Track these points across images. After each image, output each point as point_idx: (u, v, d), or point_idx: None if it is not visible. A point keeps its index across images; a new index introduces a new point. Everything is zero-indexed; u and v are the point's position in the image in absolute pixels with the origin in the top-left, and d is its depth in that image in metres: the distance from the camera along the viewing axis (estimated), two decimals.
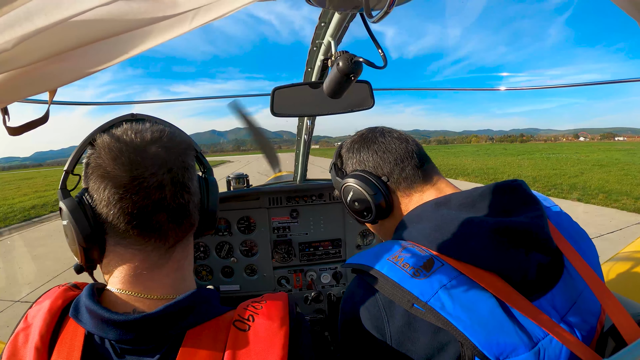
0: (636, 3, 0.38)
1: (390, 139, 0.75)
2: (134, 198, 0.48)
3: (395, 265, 0.56)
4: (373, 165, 0.74)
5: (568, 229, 0.67)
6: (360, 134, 0.80)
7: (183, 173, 0.52)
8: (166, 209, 0.49)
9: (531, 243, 0.56)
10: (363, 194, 0.72)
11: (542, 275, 0.57)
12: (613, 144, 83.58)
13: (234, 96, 1.70)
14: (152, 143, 0.50)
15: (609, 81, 1.33)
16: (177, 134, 0.56)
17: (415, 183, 0.71)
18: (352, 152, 0.78)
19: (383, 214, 0.73)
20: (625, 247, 1.52)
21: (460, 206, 0.63)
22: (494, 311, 0.51)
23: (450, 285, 0.53)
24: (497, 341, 0.49)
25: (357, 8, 0.51)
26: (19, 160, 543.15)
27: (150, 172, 0.48)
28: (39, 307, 0.51)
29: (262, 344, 0.46)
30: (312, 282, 1.72)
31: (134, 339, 0.45)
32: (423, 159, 0.73)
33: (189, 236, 0.56)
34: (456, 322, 0.49)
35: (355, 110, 0.96)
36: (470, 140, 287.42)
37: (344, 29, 0.94)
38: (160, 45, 0.38)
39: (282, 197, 1.71)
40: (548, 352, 0.51)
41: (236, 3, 0.34)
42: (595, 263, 0.65)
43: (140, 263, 0.51)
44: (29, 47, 0.32)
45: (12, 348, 0.47)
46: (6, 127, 0.44)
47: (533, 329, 0.52)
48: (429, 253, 0.58)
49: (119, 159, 0.48)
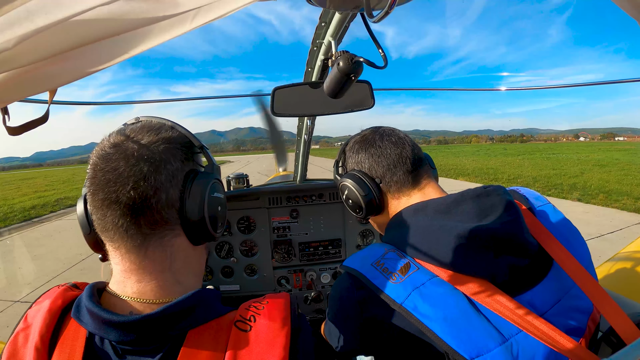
0: (636, 3, 0.38)
1: (388, 143, 0.79)
2: (95, 193, 0.50)
3: (377, 270, 0.63)
4: (368, 167, 0.80)
5: (557, 226, 0.70)
6: (363, 135, 0.84)
7: (148, 167, 0.49)
8: (119, 204, 0.48)
9: (500, 247, 0.59)
10: (355, 194, 0.78)
11: (519, 277, 0.60)
12: (613, 144, 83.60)
13: (234, 96, 1.70)
14: (126, 138, 0.52)
15: (609, 81, 1.33)
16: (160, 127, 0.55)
17: (404, 187, 0.77)
18: (353, 152, 0.84)
19: (373, 212, 0.80)
20: (625, 247, 1.52)
21: (435, 212, 0.67)
22: (463, 309, 0.55)
23: (423, 287, 0.58)
24: (465, 337, 0.53)
25: (358, 8, 0.51)
26: (19, 160, 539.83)
27: (110, 166, 0.49)
28: (39, 307, 0.51)
29: (263, 345, 0.46)
30: (312, 282, 1.72)
31: (135, 340, 0.45)
32: (416, 164, 0.78)
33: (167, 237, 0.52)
34: (426, 321, 0.54)
35: (356, 110, 0.96)
36: (471, 141, 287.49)
37: (344, 28, 0.94)
38: (161, 45, 0.38)
39: (282, 197, 1.71)
40: (522, 346, 0.53)
41: (237, 3, 0.34)
42: (587, 260, 0.67)
43: (123, 263, 0.51)
44: (29, 47, 0.32)
45: (12, 348, 0.47)
46: (6, 126, 0.44)
47: (505, 324, 0.54)
48: (407, 258, 0.64)
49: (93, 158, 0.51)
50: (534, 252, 0.62)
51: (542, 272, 0.62)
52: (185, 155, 0.55)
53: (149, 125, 0.55)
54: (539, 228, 0.66)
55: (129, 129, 0.54)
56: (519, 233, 0.61)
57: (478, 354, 0.52)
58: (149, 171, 0.49)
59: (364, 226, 1.77)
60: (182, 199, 0.52)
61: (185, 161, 0.55)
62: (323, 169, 20.51)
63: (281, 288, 1.72)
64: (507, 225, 0.60)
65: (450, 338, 0.52)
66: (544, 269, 0.62)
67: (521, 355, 0.53)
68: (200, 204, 0.53)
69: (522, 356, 0.53)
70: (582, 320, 0.60)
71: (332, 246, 1.76)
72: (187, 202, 0.52)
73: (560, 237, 0.65)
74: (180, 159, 0.54)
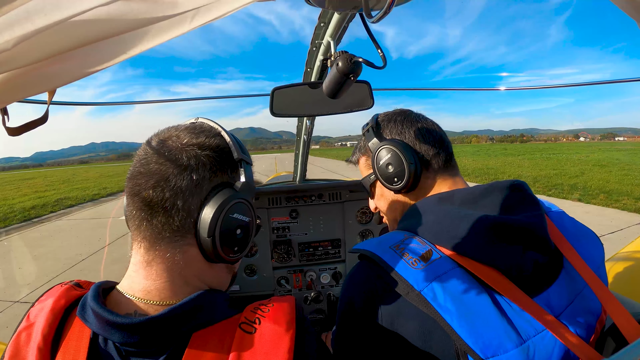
0: (636, 3, 0.38)
1: (432, 124, 0.77)
2: (128, 181, 0.52)
3: (396, 253, 0.58)
4: (412, 140, 0.75)
5: (570, 229, 0.68)
6: (402, 110, 0.81)
7: (172, 169, 0.49)
8: (139, 197, 0.50)
9: (528, 241, 0.57)
10: (400, 160, 0.71)
11: (539, 274, 0.58)
12: (613, 144, 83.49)
13: (234, 96, 1.70)
14: (169, 136, 0.53)
15: (609, 81, 1.33)
16: (202, 132, 0.54)
17: (441, 170, 0.74)
18: (394, 123, 0.78)
19: (410, 187, 0.73)
20: (625, 247, 1.52)
21: (462, 202, 0.64)
22: (484, 305, 0.52)
23: (445, 277, 0.54)
24: (482, 335, 0.50)
25: (357, 8, 0.51)
26: (19, 160, 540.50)
27: (145, 159, 0.51)
28: (42, 305, 0.51)
29: (267, 347, 0.45)
30: (311, 282, 1.72)
31: (139, 342, 0.45)
32: (451, 155, 0.77)
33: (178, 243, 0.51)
34: (444, 313, 0.51)
35: (355, 111, 0.96)
36: (471, 141, 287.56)
37: (343, 29, 0.94)
38: (160, 45, 0.38)
39: (282, 198, 1.71)
40: (538, 349, 0.52)
41: (236, 3, 0.34)
42: (598, 263, 0.66)
43: (135, 255, 0.52)
44: (29, 47, 0.32)
45: (15, 347, 0.47)
46: (5, 127, 0.44)
47: (523, 326, 0.52)
48: (429, 245, 0.60)
49: (140, 147, 0.54)
50: (552, 250, 0.60)
51: (556, 272, 0.60)
52: (217, 166, 0.53)
53: (193, 127, 0.55)
54: (552, 228, 0.65)
55: (177, 127, 0.56)
56: (544, 229, 0.59)
57: (494, 353, 0.50)
58: (172, 173, 0.49)
59: (364, 226, 1.77)
60: (200, 211, 0.50)
61: (217, 172, 0.53)
62: (323, 169, 20.49)
63: (281, 288, 1.72)
64: (535, 220, 0.59)
65: (467, 334, 0.50)
66: (557, 269, 0.61)
67: (537, 358, 0.51)
68: (212, 221, 0.50)
69: (537, 359, 0.51)
70: (592, 322, 0.59)
71: (331, 246, 1.76)
72: (202, 216, 0.50)
73: (571, 239, 0.64)
74: (210, 168, 0.52)
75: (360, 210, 1.77)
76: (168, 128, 0.56)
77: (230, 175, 0.55)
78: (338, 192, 1.73)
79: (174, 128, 0.55)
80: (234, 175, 0.56)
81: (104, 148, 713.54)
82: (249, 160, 0.57)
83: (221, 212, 0.50)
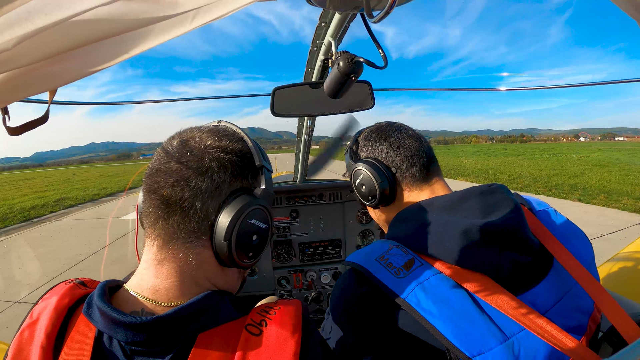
0: (636, 3, 0.38)
1: (406, 135, 0.80)
2: (146, 177, 0.52)
3: (381, 265, 0.62)
4: (385, 156, 0.79)
5: (558, 227, 0.70)
6: (379, 126, 0.84)
7: (193, 170, 0.50)
8: (157, 194, 0.50)
9: (504, 243, 0.59)
10: (371, 179, 0.77)
11: (523, 273, 0.60)
12: (613, 144, 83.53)
13: (234, 96, 1.70)
14: (191, 137, 0.54)
15: (609, 81, 1.33)
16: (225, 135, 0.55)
17: (418, 181, 0.77)
18: (369, 141, 0.83)
19: (385, 201, 0.79)
20: (625, 248, 1.52)
21: (441, 209, 0.67)
22: (466, 306, 0.55)
23: (426, 282, 0.58)
24: (466, 335, 0.52)
25: (358, 8, 0.51)
26: (19, 160, 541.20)
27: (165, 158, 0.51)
28: (46, 303, 0.51)
29: (273, 350, 0.45)
30: (312, 283, 1.72)
31: (144, 341, 0.45)
32: (430, 160, 0.79)
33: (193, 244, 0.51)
34: (428, 317, 0.54)
35: (356, 111, 0.96)
36: (471, 141, 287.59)
37: (344, 29, 0.94)
38: (160, 45, 0.37)
39: (282, 197, 1.71)
40: (524, 345, 0.53)
41: (237, 3, 0.34)
42: (589, 261, 0.67)
43: (147, 253, 0.52)
44: (29, 47, 0.32)
45: (18, 344, 0.47)
46: (6, 127, 0.44)
47: (507, 323, 0.54)
48: (411, 254, 0.63)
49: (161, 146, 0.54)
50: (536, 250, 0.62)
51: (543, 271, 0.62)
52: (238, 171, 0.53)
53: (216, 130, 0.55)
54: (539, 227, 0.66)
55: (200, 128, 0.56)
56: (522, 230, 0.61)
57: (480, 351, 0.51)
58: (193, 174, 0.50)
59: (364, 226, 1.77)
60: (217, 214, 0.51)
61: (238, 177, 0.53)
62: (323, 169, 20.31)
63: (281, 288, 1.72)
64: (511, 221, 0.60)
65: (452, 335, 0.52)
66: (544, 268, 0.62)
67: (522, 354, 0.53)
68: (230, 225, 0.50)
69: (523, 355, 0.53)
70: (583, 320, 0.60)
71: (332, 246, 1.76)
72: (219, 219, 0.51)
73: (561, 237, 0.65)
74: (231, 172, 0.52)
75: (360, 211, 1.77)
76: (191, 128, 0.56)
77: (250, 180, 0.55)
78: (338, 192, 1.73)
79: (197, 129, 0.55)
80: (254, 181, 0.56)
81: (103, 148, 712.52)
82: (269, 168, 0.58)
83: (239, 217, 0.50)
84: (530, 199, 0.78)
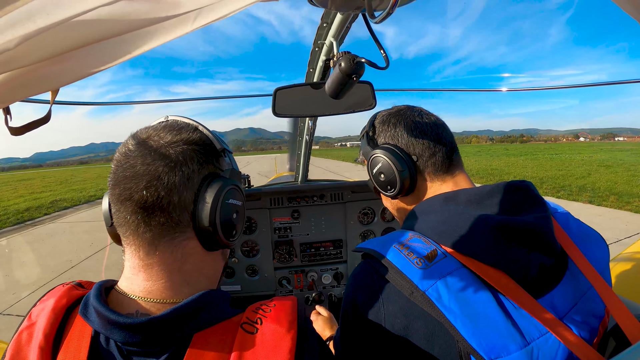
0: (637, 3, 0.38)
1: (427, 121, 0.74)
2: (114, 188, 0.51)
3: (401, 253, 0.58)
4: (406, 142, 0.73)
5: (575, 231, 0.67)
6: (398, 109, 0.78)
7: (163, 167, 0.49)
8: (131, 201, 0.49)
9: (534, 243, 0.56)
10: (391, 168, 0.71)
11: (544, 276, 0.57)
12: (614, 144, 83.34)
13: (233, 96, 1.70)
14: (148, 137, 0.52)
15: (609, 82, 1.33)
16: (182, 127, 0.55)
17: (440, 171, 0.72)
18: (387, 125, 0.77)
19: (405, 191, 0.73)
20: (628, 248, 1.51)
21: (467, 202, 0.63)
22: (489, 306, 0.52)
23: (449, 277, 0.54)
24: (486, 337, 0.50)
25: (360, 9, 0.51)
26: (19, 161, 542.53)
27: (129, 163, 0.50)
28: (43, 305, 0.51)
29: (269, 347, 0.46)
30: (313, 283, 1.72)
31: (140, 342, 0.45)
32: (453, 150, 0.74)
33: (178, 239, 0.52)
34: (448, 314, 0.51)
35: (357, 111, 0.96)
36: (471, 141, 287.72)
37: (346, 29, 0.94)
38: (160, 45, 0.37)
39: (284, 198, 1.71)
40: (542, 352, 0.51)
41: (238, 3, 0.34)
42: (603, 265, 0.65)
43: (132, 260, 0.51)
44: (31, 47, 0.32)
45: (16, 346, 0.47)
46: (8, 127, 0.44)
47: (528, 328, 0.52)
48: (434, 244, 0.59)
49: (116, 154, 0.53)
50: (558, 253, 0.60)
51: (560, 274, 0.60)
52: (204, 158, 0.54)
53: (171, 125, 0.55)
54: (559, 230, 0.64)
55: (154, 127, 0.55)
56: (550, 231, 0.58)
57: (498, 355, 0.49)
58: (163, 171, 0.49)
59: (366, 227, 1.77)
60: (195, 203, 0.52)
61: (204, 164, 0.54)
62: (323, 169, 20.42)
63: (282, 289, 1.72)
64: (542, 221, 0.58)
65: (471, 336, 0.50)
66: (561, 271, 0.60)
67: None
68: (212, 209, 0.52)
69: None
70: (595, 325, 0.59)
71: (333, 247, 1.76)
72: (199, 207, 0.52)
73: (577, 240, 0.63)
74: (198, 161, 0.53)
75: (362, 211, 1.76)
76: (142, 130, 0.55)
77: (215, 165, 0.57)
78: (340, 193, 1.73)
79: (150, 128, 0.55)
80: (218, 165, 0.58)
81: (103, 149, 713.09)
82: (229, 149, 0.61)
83: (219, 200, 0.52)
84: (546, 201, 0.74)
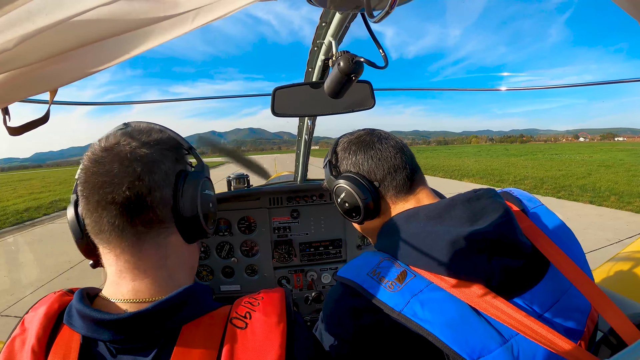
0: (636, 3, 0.38)
1: (387, 147, 0.77)
2: (90, 196, 0.50)
3: (373, 280, 0.62)
4: (367, 169, 0.76)
5: (552, 228, 0.70)
6: (359, 136, 0.81)
7: (141, 167, 0.50)
8: (115, 204, 0.49)
9: (494, 249, 0.59)
10: (354, 197, 0.74)
11: (516, 278, 0.60)
12: (614, 144, 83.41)
13: (233, 96, 1.70)
14: (117, 142, 0.53)
15: (609, 81, 1.33)
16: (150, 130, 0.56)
17: (402, 192, 0.75)
18: (349, 153, 0.79)
19: (370, 216, 0.76)
20: (625, 248, 1.52)
21: (427, 218, 0.66)
22: (463, 313, 0.55)
23: (421, 294, 0.58)
24: (465, 340, 0.53)
25: (359, 8, 0.51)
26: (19, 161, 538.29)
27: (104, 168, 0.50)
28: (35, 312, 0.52)
29: (259, 341, 0.46)
30: (312, 282, 1.72)
31: (126, 338, 0.45)
32: (414, 170, 0.77)
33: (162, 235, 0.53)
34: (426, 325, 0.54)
35: (356, 111, 0.96)
36: (470, 141, 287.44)
37: (345, 29, 0.94)
38: (160, 45, 0.37)
39: (283, 197, 1.71)
40: (523, 347, 0.54)
41: (237, 3, 0.34)
42: (582, 260, 0.68)
43: (117, 264, 0.52)
44: (30, 47, 0.32)
45: (8, 352, 0.47)
46: (7, 127, 0.44)
47: (504, 325, 0.54)
48: (402, 266, 0.63)
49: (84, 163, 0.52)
50: (528, 253, 0.62)
51: (540, 273, 0.62)
52: (175, 156, 0.57)
53: (139, 128, 0.57)
54: (532, 229, 0.66)
55: (119, 133, 0.55)
56: (511, 234, 0.61)
57: (479, 355, 0.52)
58: (142, 171, 0.50)
59: None
60: (175, 198, 0.54)
61: (176, 161, 0.57)
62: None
63: None
64: (500, 227, 0.60)
65: (452, 340, 0.52)
66: (541, 270, 0.62)
67: (522, 355, 0.53)
68: (193, 201, 0.55)
69: (522, 356, 0.53)
70: (581, 320, 0.60)
71: (332, 246, 1.76)
72: (181, 200, 0.54)
73: (554, 238, 0.65)
74: (171, 159, 0.56)
75: None
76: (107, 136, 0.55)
77: (184, 162, 0.60)
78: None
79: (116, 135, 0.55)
80: (187, 162, 0.61)
81: None
82: (193, 146, 0.64)
83: (197, 191, 0.56)
84: (520, 196, 0.77)
